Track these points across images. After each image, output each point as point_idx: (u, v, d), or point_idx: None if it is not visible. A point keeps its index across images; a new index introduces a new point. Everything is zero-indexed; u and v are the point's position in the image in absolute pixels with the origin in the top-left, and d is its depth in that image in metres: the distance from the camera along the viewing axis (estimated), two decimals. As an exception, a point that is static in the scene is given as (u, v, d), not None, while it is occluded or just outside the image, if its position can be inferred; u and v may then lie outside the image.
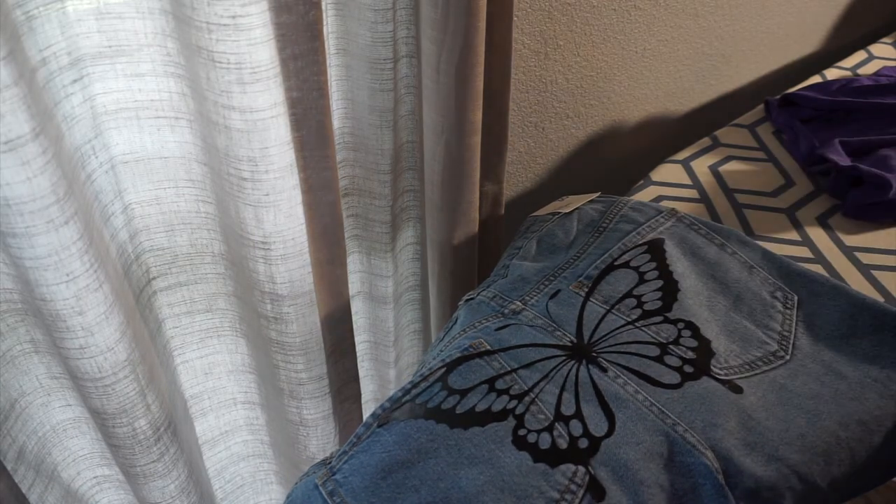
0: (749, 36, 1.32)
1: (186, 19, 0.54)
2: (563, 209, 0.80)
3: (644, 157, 1.26)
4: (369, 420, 0.59)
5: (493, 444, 0.55)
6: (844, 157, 0.99)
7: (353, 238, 0.86)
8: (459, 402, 0.58)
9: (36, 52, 0.51)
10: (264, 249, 0.66)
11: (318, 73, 0.60)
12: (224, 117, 0.58)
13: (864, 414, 0.59)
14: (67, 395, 0.69)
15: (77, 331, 0.56)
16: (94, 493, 0.78)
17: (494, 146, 0.81)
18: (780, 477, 0.55)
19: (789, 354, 0.63)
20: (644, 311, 0.65)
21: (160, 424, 0.67)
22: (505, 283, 0.72)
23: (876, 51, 1.38)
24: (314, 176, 0.65)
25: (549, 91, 1.04)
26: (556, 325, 0.65)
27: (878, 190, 0.92)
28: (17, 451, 0.67)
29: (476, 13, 0.66)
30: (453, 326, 0.70)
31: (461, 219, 0.81)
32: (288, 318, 0.71)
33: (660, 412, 0.58)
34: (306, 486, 0.57)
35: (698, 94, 1.31)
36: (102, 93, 0.59)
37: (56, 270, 0.52)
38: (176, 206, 0.68)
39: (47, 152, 0.49)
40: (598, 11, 1.01)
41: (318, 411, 0.79)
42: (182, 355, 0.78)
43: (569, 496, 0.53)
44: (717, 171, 1.05)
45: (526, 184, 1.12)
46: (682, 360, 0.61)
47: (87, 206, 0.56)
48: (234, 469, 0.92)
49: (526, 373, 0.60)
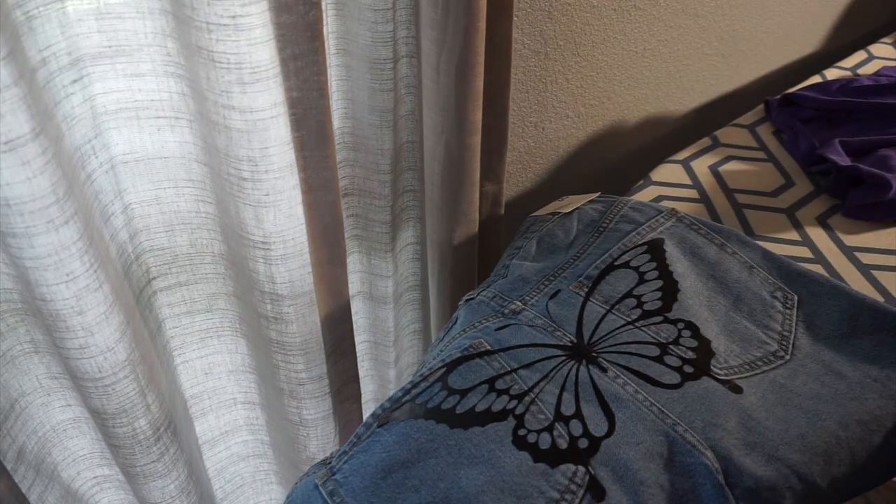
0: (749, 36, 1.32)
1: (186, 19, 0.54)
2: (563, 209, 0.80)
3: (644, 157, 1.26)
4: (369, 420, 0.59)
5: (493, 444, 0.55)
6: (844, 157, 0.99)
7: (353, 238, 0.86)
8: (459, 402, 0.58)
9: (36, 52, 0.51)
10: (264, 249, 0.66)
11: (318, 73, 0.60)
12: (224, 117, 0.58)
13: (864, 414, 0.59)
14: (67, 395, 0.69)
15: (77, 331, 0.56)
16: (94, 493, 0.78)
17: (494, 146, 0.81)
18: (780, 477, 0.55)
19: (789, 354, 0.63)
20: (644, 311, 0.65)
21: (160, 424, 0.67)
22: (505, 283, 0.72)
23: (876, 51, 1.38)
24: (314, 176, 0.65)
25: (549, 91, 1.04)
26: (556, 325, 0.65)
27: (878, 190, 0.92)
28: (17, 451, 0.67)
29: (476, 13, 0.67)
30: (453, 326, 0.70)
31: (461, 219, 0.81)
32: (288, 318, 0.71)
33: (660, 412, 0.58)
34: (306, 486, 0.57)
35: (698, 94, 1.31)
36: (102, 93, 0.59)
37: (56, 270, 0.52)
38: (176, 206, 0.68)
39: (47, 152, 0.49)
40: (598, 11, 1.01)
41: (318, 411, 0.79)
42: (182, 355, 0.78)
43: (569, 496, 0.53)
44: (717, 171, 1.05)
45: (526, 184, 1.12)
46: (682, 360, 0.61)
47: (87, 206, 0.56)
48: (234, 469, 0.92)
49: (526, 373, 0.60)
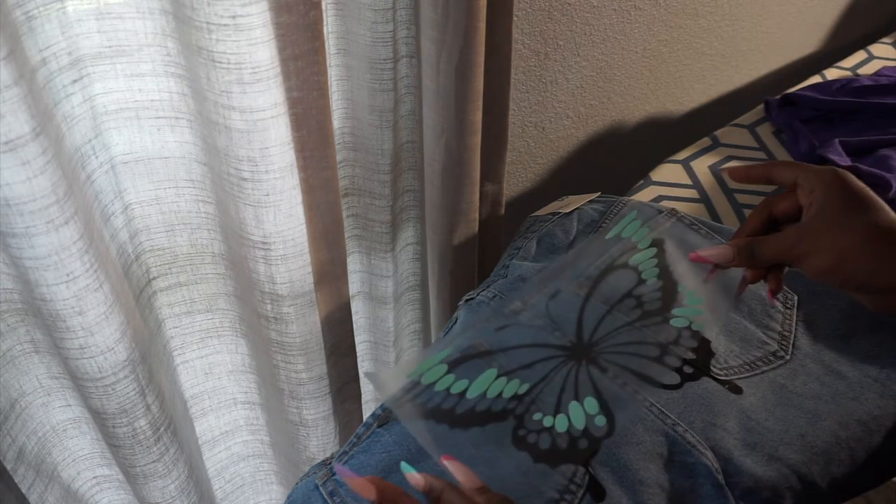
0: (749, 36, 1.32)
1: (186, 19, 0.54)
2: (563, 209, 0.80)
3: (644, 157, 1.26)
4: (369, 420, 0.59)
5: (493, 445, 0.55)
6: (844, 157, 0.99)
7: (353, 238, 0.86)
8: (459, 403, 0.58)
9: (36, 52, 0.51)
10: (264, 250, 0.66)
11: (319, 73, 0.60)
12: (224, 117, 0.58)
13: (864, 414, 0.59)
14: (67, 395, 0.69)
15: (77, 331, 0.56)
16: (94, 493, 0.78)
17: (494, 146, 0.81)
18: (780, 477, 0.55)
19: (789, 354, 0.63)
20: (644, 311, 0.65)
21: (160, 424, 0.67)
22: (505, 284, 0.72)
23: (876, 51, 1.38)
24: (314, 176, 0.65)
25: (549, 91, 1.04)
26: (555, 325, 0.65)
27: (878, 190, 0.92)
28: (17, 451, 0.67)
29: (476, 13, 0.66)
30: (453, 326, 0.70)
31: (461, 219, 0.81)
32: (288, 318, 0.71)
33: (659, 412, 0.58)
34: (306, 486, 0.57)
35: (698, 94, 1.32)
36: (102, 93, 0.59)
37: (56, 270, 0.52)
38: (176, 206, 0.68)
39: (47, 152, 0.49)
40: (598, 11, 1.01)
41: (319, 411, 0.79)
42: (182, 355, 0.78)
43: (568, 496, 0.53)
44: (717, 172, 1.05)
45: (526, 184, 1.12)
46: (682, 360, 0.61)
47: (87, 206, 0.56)
48: (234, 469, 0.92)
49: (526, 373, 0.60)
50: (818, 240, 0.48)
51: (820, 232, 0.48)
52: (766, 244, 0.51)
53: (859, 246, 0.46)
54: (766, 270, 0.54)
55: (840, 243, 0.47)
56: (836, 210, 0.48)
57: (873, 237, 0.46)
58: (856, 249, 0.46)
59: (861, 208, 0.47)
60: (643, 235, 0.68)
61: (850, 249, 0.46)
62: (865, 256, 0.46)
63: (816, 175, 0.50)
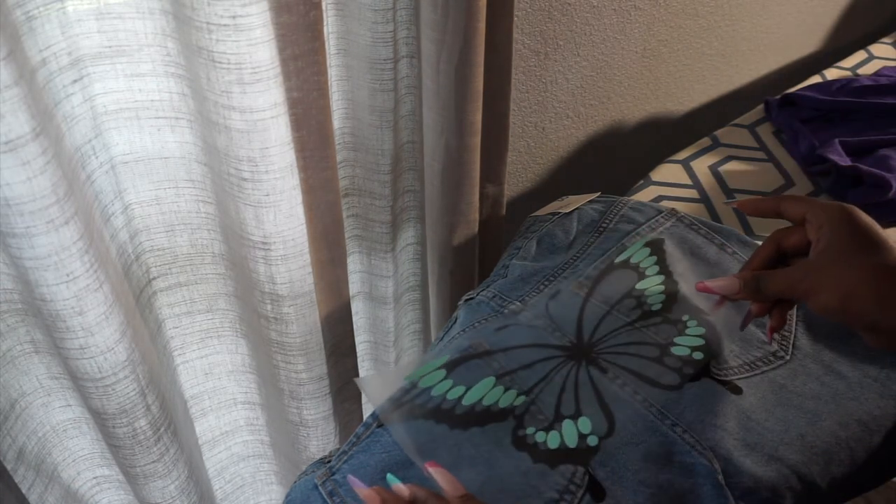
0: (749, 36, 1.32)
1: (186, 19, 0.54)
2: (563, 209, 0.80)
3: (644, 157, 1.26)
4: (369, 420, 0.59)
5: (492, 445, 0.55)
6: (844, 157, 0.99)
7: (353, 238, 0.86)
8: (457, 404, 0.58)
9: (36, 52, 0.51)
10: (264, 250, 0.66)
11: (319, 73, 0.60)
12: (224, 117, 0.58)
13: (864, 414, 0.59)
14: (67, 395, 0.69)
15: (77, 331, 0.56)
16: (94, 494, 0.78)
17: (494, 147, 0.81)
18: (780, 477, 0.55)
19: (789, 354, 0.63)
20: (644, 311, 0.65)
21: (160, 425, 0.67)
22: (505, 284, 0.72)
23: (876, 51, 1.38)
24: (314, 176, 0.65)
25: (549, 91, 1.04)
26: (555, 325, 0.65)
27: (878, 190, 0.92)
28: (17, 451, 0.67)
29: (476, 13, 0.67)
30: (453, 326, 0.70)
31: (461, 219, 0.81)
32: (288, 318, 0.71)
33: (659, 413, 0.58)
34: (305, 485, 0.57)
35: (698, 94, 1.31)
36: (102, 93, 0.59)
37: (56, 271, 0.52)
38: (176, 206, 0.68)
39: (47, 152, 0.49)
40: (598, 11, 1.01)
41: (319, 411, 0.79)
42: (182, 356, 0.78)
43: (568, 496, 0.53)
44: (717, 171, 1.05)
45: (526, 184, 1.12)
46: (682, 360, 0.61)
47: (87, 206, 0.56)
48: (235, 469, 0.92)
49: (525, 373, 0.60)
50: (824, 277, 0.47)
51: (826, 269, 0.48)
52: (772, 279, 0.51)
53: (865, 284, 0.46)
54: (773, 305, 0.53)
55: (846, 281, 0.46)
56: (843, 247, 0.48)
57: (880, 276, 0.46)
58: (862, 288, 0.46)
59: (868, 246, 0.47)
60: (651, 263, 0.69)
61: (856, 287, 0.46)
62: (871, 295, 0.46)
63: (825, 211, 0.49)
